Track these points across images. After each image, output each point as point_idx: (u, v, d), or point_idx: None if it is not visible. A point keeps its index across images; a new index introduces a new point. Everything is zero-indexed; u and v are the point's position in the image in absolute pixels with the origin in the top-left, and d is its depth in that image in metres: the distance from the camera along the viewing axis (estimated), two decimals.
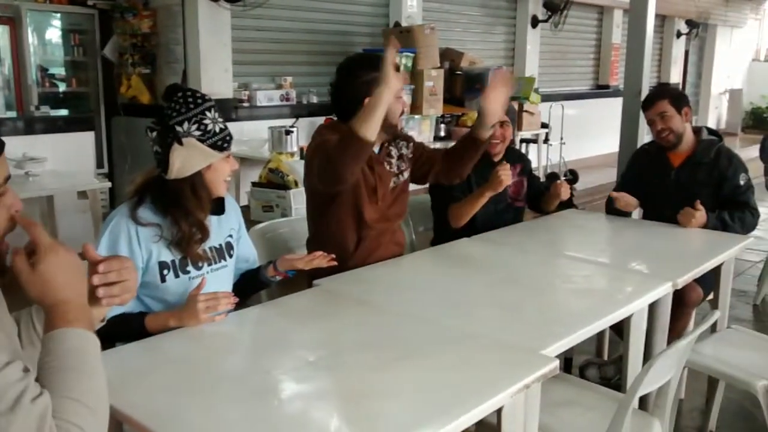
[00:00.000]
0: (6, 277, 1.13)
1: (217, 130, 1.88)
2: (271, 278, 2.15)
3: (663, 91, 3.30)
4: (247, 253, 2.22)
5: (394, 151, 2.63)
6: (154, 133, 1.87)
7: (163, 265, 1.90)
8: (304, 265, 2.13)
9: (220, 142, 1.89)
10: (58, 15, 5.99)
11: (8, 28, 5.69)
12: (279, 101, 6.11)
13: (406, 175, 2.67)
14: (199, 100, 1.87)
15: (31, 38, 5.81)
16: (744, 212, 3.11)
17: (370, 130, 2.10)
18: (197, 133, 1.85)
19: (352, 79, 2.41)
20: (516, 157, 3.27)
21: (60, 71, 6.14)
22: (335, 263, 2.20)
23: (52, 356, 1.05)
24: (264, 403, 1.45)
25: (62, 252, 1.13)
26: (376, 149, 2.54)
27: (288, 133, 5.58)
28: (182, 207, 1.88)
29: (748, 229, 3.12)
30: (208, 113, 1.87)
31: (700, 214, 3.03)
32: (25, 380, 1.00)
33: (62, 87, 6.14)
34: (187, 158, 1.85)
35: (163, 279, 1.91)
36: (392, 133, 2.55)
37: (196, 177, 1.89)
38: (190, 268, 1.95)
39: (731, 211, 3.09)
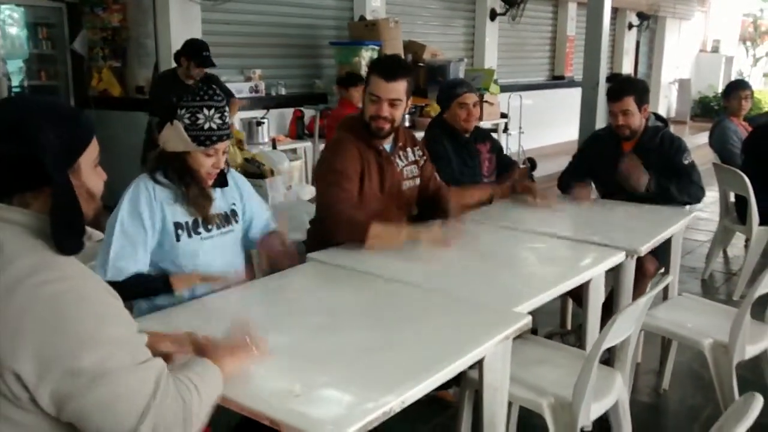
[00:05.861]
0: None
1: (206, 126, 2.08)
2: None
3: (630, 87, 3.41)
4: (264, 218, 2.43)
5: (405, 154, 2.84)
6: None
7: (177, 226, 2.13)
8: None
9: (203, 138, 2.08)
10: (24, 9, 6.01)
11: None
12: (248, 93, 6.24)
13: (417, 182, 2.89)
14: (206, 97, 2.09)
15: None
16: (682, 181, 3.30)
17: (374, 246, 2.43)
18: (187, 121, 2.07)
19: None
20: (484, 136, 3.52)
21: (28, 65, 6.16)
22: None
23: (200, 367, 1.41)
24: (274, 360, 1.64)
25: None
26: (388, 147, 2.75)
27: (259, 124, 5.74)
28: (186, 173, 2.12)
29: (689, 196, 3.31)
30: (206, 110, 2.07)
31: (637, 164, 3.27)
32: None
33: (31, 80, 6.16)
34: (170, 137, 2.11)
35: (177, 238, 2.13)
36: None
37: (182, 156, 2.11)
38: (201, 229, 2.18)
39: (670, 177, 3.29)
